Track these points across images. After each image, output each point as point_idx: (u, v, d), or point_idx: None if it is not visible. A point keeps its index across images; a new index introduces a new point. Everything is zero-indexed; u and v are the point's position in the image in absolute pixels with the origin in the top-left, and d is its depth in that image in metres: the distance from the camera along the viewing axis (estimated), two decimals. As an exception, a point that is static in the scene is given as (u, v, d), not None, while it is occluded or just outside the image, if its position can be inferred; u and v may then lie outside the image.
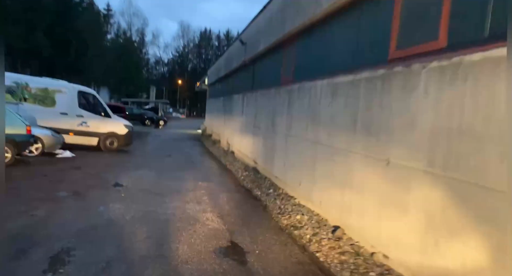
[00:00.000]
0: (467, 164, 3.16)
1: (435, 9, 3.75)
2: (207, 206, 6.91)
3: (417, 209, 3.76)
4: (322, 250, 4.73)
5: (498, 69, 2.91)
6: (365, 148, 4.85)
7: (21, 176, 8.44)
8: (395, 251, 4.12)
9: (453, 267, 3.25)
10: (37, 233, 4.86)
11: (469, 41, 3.28)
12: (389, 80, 4.41)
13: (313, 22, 6.99)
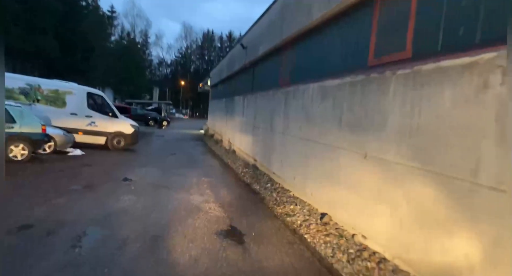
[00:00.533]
0: (424, 154, 3.83)
1: (404, 24, 4.42)
2: (209, 198, 7.59)
3: (388, 196, 4.43)
4: (310, 233, 5.40)
5: (446, 76, 3.58)
6: (349, 144, 5.53)
7: (37, 171, 9.15)
8: (371, 232, 4.79)
9: (414, 240, 3.92)
10: (60, 218, 5.56)
11: (427, 53, 3.95)
12: (367, 85, 5.09)
13: (307, 30, 7.67)
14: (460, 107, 3.38)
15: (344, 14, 6.06)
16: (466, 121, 3.30)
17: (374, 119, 4.84)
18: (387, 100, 4.55)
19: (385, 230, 4.45)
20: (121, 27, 64.78)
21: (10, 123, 9.93)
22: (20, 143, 10.10)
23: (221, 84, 23.25)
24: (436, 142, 3.66)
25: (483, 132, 3.10)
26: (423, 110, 3.88)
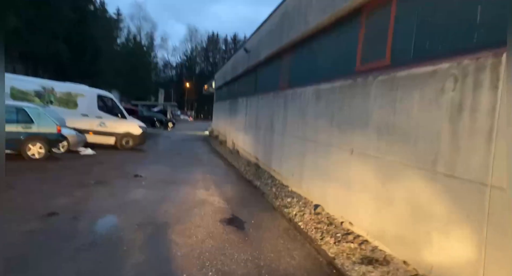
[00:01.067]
0: (398, 149, 4.46)
1: (384, 36, 5.05)
2: (213, 192, 8.25)
3: (369, 186, 5.06)
4: (303, 221, 6.04)
5: (415, 82, 4.21)
6: (338, 141, 6.16)
7: (55, 168, 9.87)
8: (357, 219, 5.42)
9: (389, 223, 4.55)
10: (81, 207, 6.25)
11: (401, 61, 4.58)
12: (354, 89, 5.73)
13: (304, 37, 8.31)
14: (425, 108, 4.01)
15: (336, 25, 6.70)
16: (428, 120, 3.93)
17: (359, 119, 5.48)
18: (369, 102, 5.19)
19: (367, 216, 5.08)
20: (127, 30, 65.84)
21: (28, 124, 10.67)
22: (38, 142, 10.83)
23: (225, 86, 23.93)
24: (407, 138, 4.29)
25: (439, 129, 3.73)
26: (397, 111, 4.52)
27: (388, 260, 4.32)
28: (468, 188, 3.33)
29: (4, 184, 7.43)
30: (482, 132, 3.20)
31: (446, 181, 3.61)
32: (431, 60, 3.97)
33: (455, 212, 3.48)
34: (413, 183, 4.12)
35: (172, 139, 23.93)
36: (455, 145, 3.52)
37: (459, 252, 3.39)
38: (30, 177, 8.48)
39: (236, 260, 4.42)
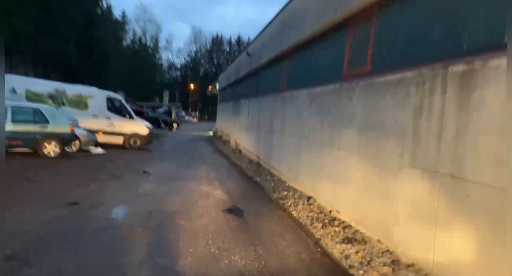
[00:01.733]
0: (378, 147, 5.16)
1: (366, 46, 5.75)
2: (216, 186, 8.97)
3: (352, 178, 5.76)
4: (296, 210, 6.76)
5: (389, 87, 4.92)
6: (328, 139, 6.87)
7: (69, 165, 10.65)
8: (342, 208, 6.13)
9: (367, 208, 5.26)
10: (97, 198, 7.00)
11: (379, 69, 5.29)
12: (341, 92, 6.43)
13: (300, 44, 9.02)
14: (395, 109, 4.71)
15: (327, 35, 7.41)
16: (397, 119, 4.64)
17: (345, 119, 6.19)
18: (353, 104, 5.90)
19: (351, 205, 5.78)
20: (132, 32, 66.85)
21: (44, 124, 11.46)
22: (53, 141, 11.61)
23: (228, 88, 24.68)
24: (381, 135, 4.99)
25: (406, 127, 4.43)
26: (374, 112, 5.22)
27: (366, 240, 5.02)
28: (424, 175, 4.03)
29: (25, 178, 8.23)
30: (435, 130, 3.90)
31: (410, 170, 4.31)
32: (400, 69, 4.67)
33: (416, 196, 4.17)
34: (386, 174, 4.82)
35: (177, 139, 24.71)
36: (416, 139, 4.22)
37: (419, 230, 4.08)
38: (47, 173, 9.24)
39: (235, 240, 5.14)
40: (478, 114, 3.36)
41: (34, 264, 3.93)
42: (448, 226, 3.65)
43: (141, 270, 3.98)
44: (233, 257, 4.51)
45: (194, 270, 4.05)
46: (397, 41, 4.91)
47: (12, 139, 10.86)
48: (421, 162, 4.12)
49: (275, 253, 4.76)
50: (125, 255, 4.35)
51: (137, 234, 5.11)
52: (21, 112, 11.21)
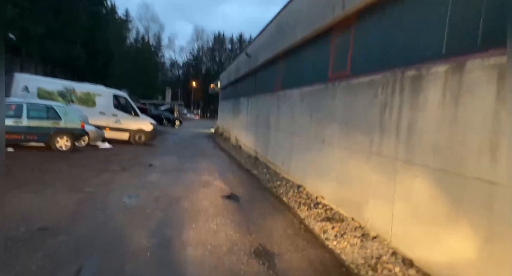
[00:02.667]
0: (354, 139, 5.98)
1: (346, 51, 6.57)
2: (216, 177, 9.82)
3: (334, 168, 6.60)
4: (287, 197, 7.59)
5: (362, 88, 5.74)
6: (314, 133, 7.70)
7: (80, 158, 11.51)
8: (326, 194, 6.96)
9: (344, 193, 6.09)
10: (109, 186, 7.86)
11: (356, 72, 6.11)
12: (326, 92, 7.26)
13: (293, 47, 9.83)
14: (365, 107, 5.54)
15: (316, 40, 8.22)
16: (367, 116, 5.46)
17: (329, 116, 7.02)
18: (335, 103, 6.73)
19: (333, 191, 6.62)
20: (136, 31, 67.70)
21: (57, 120, 12.32)
22: (65, 136, 12.48)
23: (229, 86, 25.51)
24: (355, 130, 5.83)
25: (374, 122, 5.26)
26: (351, 109, 6.06)
27: (343, 219, 5.87)
28: (387, 162, 4.86)
29: (43, 169, 9.09)
30: (394, 124, 4.73)
31: (377, 158, 5.14)
32: (371, 73, 5.50)
33: (380, 180, 5.01)
34: (358, 163, 5.65)
35: (180, 136, 25.59)
36: (381, 132, 5.05)
37: (381, 208, 4.91)
38: (62, 164, 10.10)
39: (231, 219, 5.99)
40: (422, 111, 4.18)
41: (63, 233, 4.78)
42: (401, 201, 4.49)
43: (152, 239, 4.83)
44: (228, 231, 5.37)
45: (195, 240, 4.91)
46: (370, 49, 5.74)
47: (27, 134, 11.75)
48: (384, 151, 4.95)
49: (264, 229, 5.61)
50: (138, 228, 5.21)
51: (147, 213, 5.97)
52: (35, 109, 12.08)
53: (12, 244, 4.26)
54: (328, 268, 4.31)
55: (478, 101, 3.38)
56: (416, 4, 4.60)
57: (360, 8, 5.93)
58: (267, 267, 4.19)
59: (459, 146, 3.58)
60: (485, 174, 3.24)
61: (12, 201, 6.02)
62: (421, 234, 4.11)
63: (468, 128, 3.49)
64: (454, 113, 3.68)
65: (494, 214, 3.13)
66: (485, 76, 3.31)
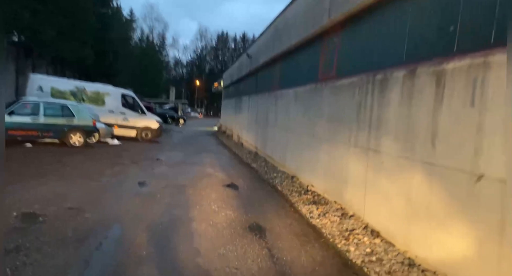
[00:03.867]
0: (337, 133, 6.85)
1: (333, 56, 7.42)
2: (218, 170, 10.72)
3: (321, 159, 7.46)
4: (281, 186, 8.48)
5: (343, 88, 6.60)
6: (306, 129, 8.57)
7: (93, 153, 12.44)
8: (315, 182, 7.84)
9: (330, 180, 6.96)
10: (122, 176, 8.77)
11: (340, 74, 6.96)
12: (316, 92, 8.12)
13: (289, 50, 10.67)
14: (346, 105, 6.41)
15: (309, 44, 9.07)
16: (347, 112, 6.33)
17: (318, 113, 7.88)
18: (322, 101, 7.60)
19: (321, 179, 7.50)
20: (140, 30, 68.68)
21: (70, 118, 13.25)
22: (78, 132, 13.41)
23: (232, 85, 26.39)
24: (339, 125, 6.69)
25: (352, 118, 6.12)
26: (335, 107, 6.92)
27: (327, 202, 6.74)
28: (361, 152, 5.73)
29: (61, 162, 10.02)
30: (367, 120, 5.60)
31: (355, 150, 6.00)
32: (351, 75, 6.36)
33: (356, 168, 5.88)
34: (340, 154, 6.52)
35: (184, 134, 26.52)
36: (357, 127, 5.92)
37: (357, 192, 5.77)
38: (77, 158, 11.02)
39: (231, 203, 6.88)
40: (387, 108, 5.05)
41: (88, 212, 5.69)
42: (372, 186, 5.37)
43: (163, 217, 5.73)
44: (227, 212, 6.26)
45: (199, 217, 5.81)
46: (351, 55, 6.60)
47: (44, 131, 12.69)
48: (359, 142, 5.82)
49: (259, 211, 6.49)
50: (150, 209, 6.11)
51: (157, 198, 6.88)
52: (51, 107, 13.02)
53: (49, 219, 5.18)
54: (309, 238, 5.19)
55: (424, 99, 4.25)
56: (384, 20, 5.45)
57: (341, 20, 6.79)
58: (259, 237, 5.08)
59: (411, 136, 4.44)
60: (426, 157, 4.11)
61: (39, 187, 6.94)
62: (384, 210, 4.98)
63: (417, 121, 4.35)
64: (408, 109, 4.54)
65: (432, 188, 4.00)
66: (429, 80, 4.17)
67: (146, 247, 4.45)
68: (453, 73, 3.80)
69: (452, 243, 3.66)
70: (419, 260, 4.15)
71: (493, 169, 3.22)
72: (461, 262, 3.55)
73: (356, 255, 4.47)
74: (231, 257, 4.34)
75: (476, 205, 3.38)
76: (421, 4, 4.56)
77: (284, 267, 4.17)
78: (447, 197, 3.76)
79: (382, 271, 4.03)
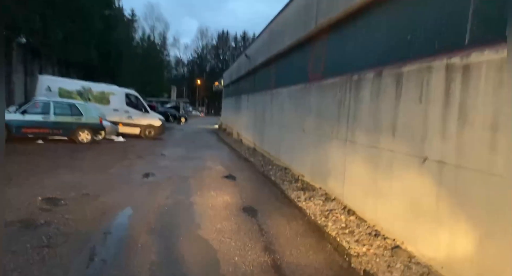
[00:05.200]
0: (322, 127, 7.65)
1: (320, 58, 8.22)
2: (218, 163, 11.54)
3: (309, 151, 8.28)
4: (275, 176, 9.29)
5: (327, 87, 7.40)
6: (297, 124, 9.38)
7: (100, 149, 13.28)
8: (305, 172, 8.65)
9: (316, 168, 7.78)
10: (130, 169, 9.61)
11: (326, 75, 7.77)
12: (305, 90, 8.93)
13: (283, 51, 11.47)
14: (329, 102, 7.21)
15: (300, 46, 9.88)
16: (330, 109, 7.13)
17: (307, 110, 8.69)
18: (310, 100, 8.41)
19: (309, 169, 8.31)
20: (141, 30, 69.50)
21: (79, 116, 14.09)
22: (86, 130, 14.25)
23: (231, 84, 27.20)
24: (324, 120, 7.50)
25: (334, 114, 6.93)
26: (321, 104, 7.73)
27: (314, 189, 7.56)
28: (341, 143, 6.54)
29: (73, 157, 10.85)
30: (346, 115, 6.41)
31: (336, 142, 6.81)
32: (334, 76, 7.16)
33: (337, 157, 6.69)
34: (325, 145, 7.34)
35: (185, 131, 27.35)
36: (338, 121, 6.73)
37: (336, 179, 6.58)
38: (87, 154, 11.86)
39: (228, 191, 7.70)
40: (360, 105, 5.86)
41: (102, 197, 6.52)
42: (349, 172, 6.18)
43: (168, 200, 6.56)
44: (225, 197, 7.08)
45: (200, 201, 6.63)
46: (335, 58, 7.40)
47: (54, 128, 13.54)
48: (340, 134, 6.63)
49: (253, 197, 7.32)
50: (157, 194, 6.94)
51: (162, 185, 7.72)
52: (60, 106, 13.86)
53: (70, 203, 6.01)
54: (295, 217, 6.02)
55: (387, 97, 5.06)
56: (358, 30, 6.25)
57: (326, 27, 7.60)
58: (251, 217, 5.90)
59: (378, 128, 5.25)
60: (388, 145, 4.92)
61: (57, 177, 7.78)
62: (359, 192, 5.79)
63: (382, 115, 5.16)
64: (376, 105, 5.35)
65: (393, 169, 4.81)
66: (391, 81, 4.98)
67: (154, 222, 5.28)
68: (408, 75, 4.61)
69: (404, 213, 4.48)
70: (383, 231, 4.97)
71: (434, 153, 4.03)
72: (409, 226, 4.36)
73: (332, 228, 5.29)
74: (226, 230, 5.17)
75: (422, 181, 4.19)
76: (383, 17, 5.36)
77: (271, 237, 5.00)
78: (404, 178, 4.58)
79: (352, 240, 4.85)
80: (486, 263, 3.23)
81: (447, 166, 3.79)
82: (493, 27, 3.35)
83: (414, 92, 4.44)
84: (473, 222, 3.40)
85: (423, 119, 4.22)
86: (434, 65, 4.10)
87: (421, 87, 4.31)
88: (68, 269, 3.68)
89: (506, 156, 3.02)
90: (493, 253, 3.16)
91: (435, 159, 4.00)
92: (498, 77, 3.19)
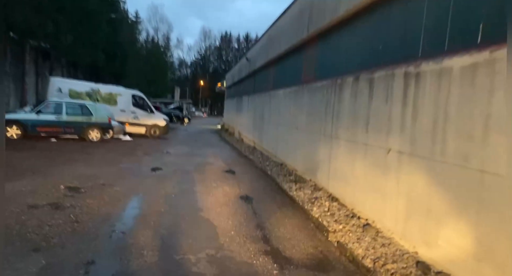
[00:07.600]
0: (312, 125, 8.49)
1: (312, 63, 9.06)
2: (219, 160, 12.40)
3: (302, 147, 9.11)
4: (271, 171, 10.14)
5: (318, 89, 8.24)
6: (291, 123, 10.22)
7: (110, 147, 14.17)
8: (298, 167, 9.49)
9: (309, 163, 8.62)
10: (138, 164, 10.48)
11: (318, 77, 8.61)
12: (299, 92, 9.77)
13: (280, 56, 12.33)
14: (318, 102, 8.05)
15: (295, 51, 10.73)
16: (319, 109, 7.98)
17: (300, 109, 9.54)
18: (304, 99, 9.26)
19: (301, 163, 9.16)
20: (145, 32, 70.58)
21: (89, 116, 14.99)
22: (95, 129, 15.16)
23: (233, 86, 28.08)
24: (314, 118, 8.34)
25: (322, 113, 7.77)
26: (312, 104, 8.58)
27: (305, 181, 8.40)
28: (328, 139, 7.38)
29: (85, 153, 11.74)
30: (331, 114, 7.25)
31: (324, 138, 7.65)
32: (323, 79, 8.00)
33: (324, 151, 7.53)
34: (314, 141, 8.18)
35: (189, 131, 28.24)
36: (325, 120, 7.57)
37: (323, 171, 7.41)
38: (97, 151, 12.75)
39: (227, 183, 8.56)
40: (343, 104, 6.70)
41: (116, 186, 7.38)
42: (334, 164, 7.02)
43: (174, 189, 7.43)
44: (225, 188, 7.94)
45: (202, 190, 7.50)
46: (324, 62, 8.25)
47: (66, 127, 14.45)
48: (327, 131, 7.48)
49: (250, 187, 8.17)
50: (164, 184, 7.81)
51: (168, 177, 8.59)
52: (72, 107, 14.76)
53: (88, 190, 6.90)
54: (286, 204, 6.87)
55: (362, 98, 5.90)
56: (341, 39, 7.10)
57: (316, 35, 8.44)
58: (247, 203, 6.76)
59: (355, 124, 6.10)
60: (363, 139, 5.76)
61: (74, 170, 8.66)
62: (341, 181, 6.64)
63: (358, 114, 6.01)
64: (354, 105, 6.20)
65: (367, 160, 5.65)
66: (365, 84, 5.82)
67: (163, 206, 6.16)
68: (378, 80, 5.45)
69: (376, 199, 5.32)
70: (359, 213, 5.81)
71: (395, 145, 4.87)
72: (378, 207, 5.21)
73: (317, 212, 6.13)
74: (224, 213, 6.03)
75: (388, 168, 5.03)
76: (361, 29, 6.21)
77: (263, 218, 5.85)
78: (375, 167, 5.42)
79: (332, 220, 5.69)
80: (427, 230, 4.07)
81: (403, 155, 4.64)
82: (438, 43, 4.19)
83: (382, 94, 5.28)
84: (420, 199, 4.24)
85: (388, 116, 5.06)
86: (396, 72, 4.95)
87: (387, 90, 5.15)
88: (96, 237, 4.55)
89: (442, 146, 3.87)
90: (434, 222, 4.00)
91: (396, 150, 4.84)
92: (437, 83, 4.04)
